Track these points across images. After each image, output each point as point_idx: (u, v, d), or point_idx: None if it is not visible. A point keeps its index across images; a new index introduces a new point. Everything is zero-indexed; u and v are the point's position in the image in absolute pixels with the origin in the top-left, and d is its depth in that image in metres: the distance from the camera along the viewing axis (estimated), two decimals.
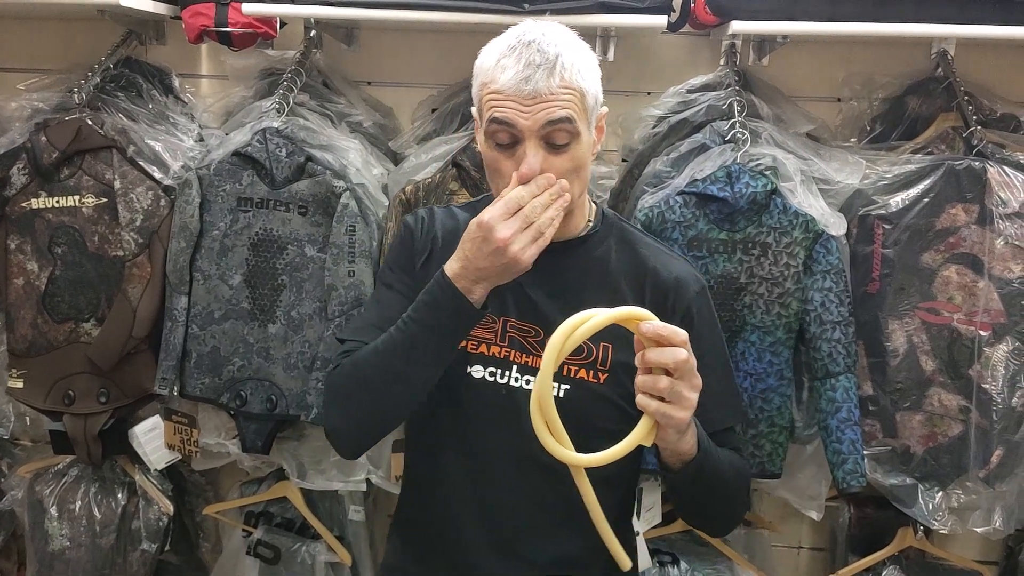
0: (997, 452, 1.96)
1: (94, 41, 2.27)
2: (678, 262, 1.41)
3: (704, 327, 1.36)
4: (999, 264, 1.93)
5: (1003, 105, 2.13)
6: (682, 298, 1.35)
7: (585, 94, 1.25)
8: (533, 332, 1.32)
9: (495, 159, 1.25)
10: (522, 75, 1.19)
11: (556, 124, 1.21)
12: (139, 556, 2.28)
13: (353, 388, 1.30)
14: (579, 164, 1.26)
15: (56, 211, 2.09)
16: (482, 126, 1.26)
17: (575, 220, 1.36)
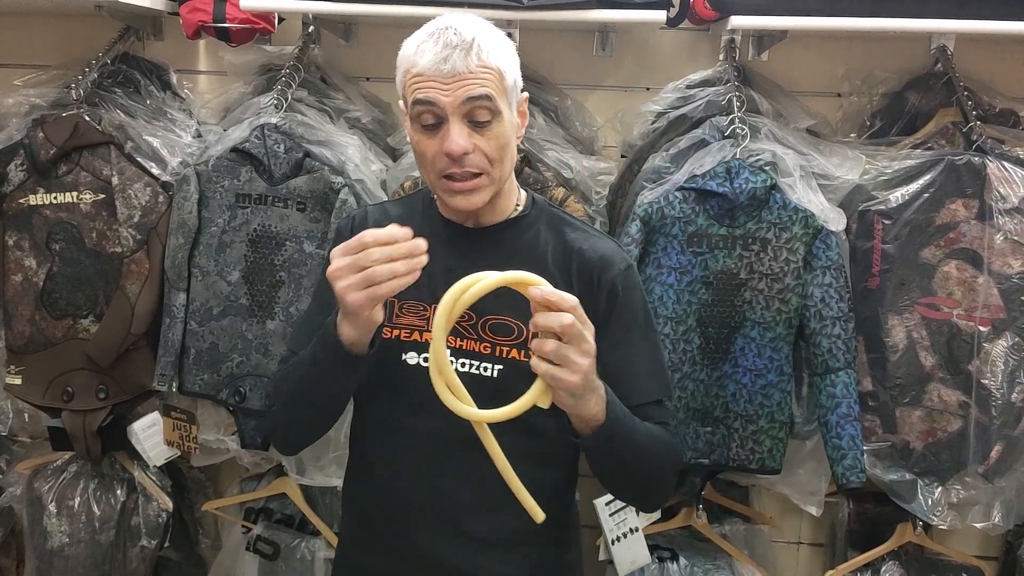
0: (996, 448, 1.96)
1: (91, 37, 2.27)
2: (604, 242, 1.43)
3: (628, 302, 1.38)
4: (999, 259, 1.92)
5: (1002, 100, 2.13)
6: (607, 274, 1.37)
7: (503, 74, 1.29)
8: (465, 316, 1.33)
9: (420, 142, 1.29)
10: (440, 55, 1.24)
11: (476, 101, 1.25)
12: (138, 552, 2.28)
13: (278, 401, 1.41)
14: (503, 143, 1.29)
15: (54, 207, 2.09)
16: (408, 112, 1.30)
17: (502, 204, 1.39)
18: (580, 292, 1.32)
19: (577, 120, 2.21)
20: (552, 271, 1.36)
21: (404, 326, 1.36)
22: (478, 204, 1.31)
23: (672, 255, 1.92)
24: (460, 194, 1.30)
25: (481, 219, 1.38)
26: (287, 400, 1.39)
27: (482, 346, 1.34)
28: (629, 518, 2.07)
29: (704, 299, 1.94)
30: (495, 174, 1.30)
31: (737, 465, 2.01)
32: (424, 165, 1.31)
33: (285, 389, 1.39)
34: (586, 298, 1.32)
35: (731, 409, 1.98)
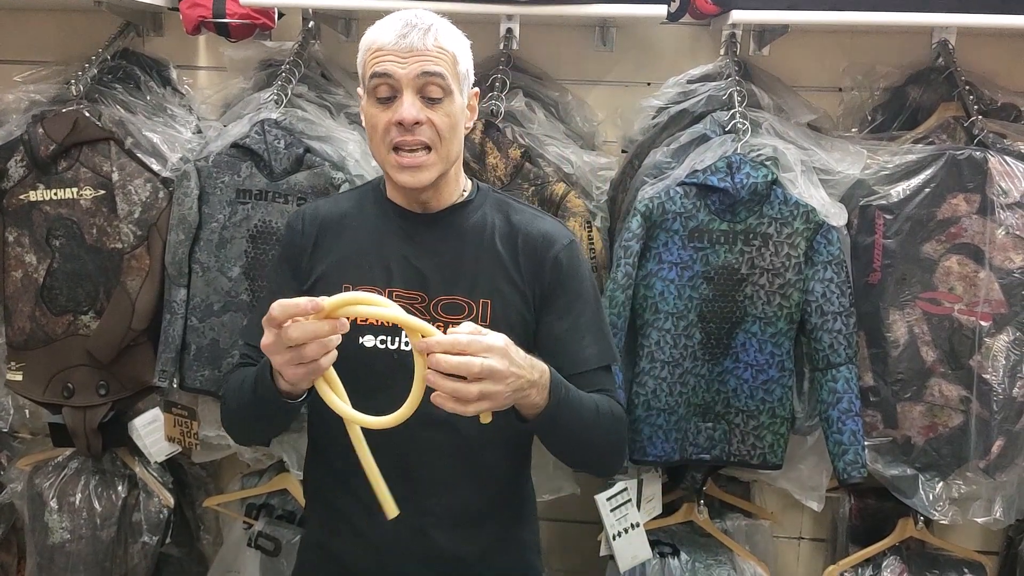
0: (998, 442, 1.96)
1: (91, 33, 2.27)
2: (548, 221, 1.49)
3: (573, 275, 1.44)
4: (1000, 254, 1.92)
5: (1004, 95, 2.12)
6: (551, 250, 1.43)
7: (457, 59, 1.37)
8: (419, 299, 1.40)
9: (373, 115, 1.35)
10: (400, 32, 1.32)
11: (430, 76, 1.32)
12: (140, 548, 2.28)
13: (231, 411, 1.47)
14: (453, 122, 1.36)
15: (54, 203, 2.08)
16: (365, 89, 1.36)
17: (448, 190, 1.44)
18: (526, 268, 1.42)
19: (578, 115, 2.21)
20: (500, 250, 1.42)
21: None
22: (425, 182, 1.36)
23: (673, 250, 1.92)
24: (408, 170, 1.34)
25: (429, 204, 1.43)
26: (236, 412, 1.44)
27: (435, 325, 1.33)
28: (630, 513, 2.07)
29: (705, 294, 1.94)
30: (443, 151, 1.36)
31: (738, 460, 2.01)
32: (375, 139, 1.37)
33: (232, 402, 1.44)
34: (533, 273, 1.42)
35: (732, 404, 1.98)
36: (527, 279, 1.43)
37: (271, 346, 1.16)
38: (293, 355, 1.15)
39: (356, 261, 1.44)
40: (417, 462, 1.40)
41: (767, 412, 1.97)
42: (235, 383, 1.42)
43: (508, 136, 2.00)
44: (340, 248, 1.46)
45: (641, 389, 1.95)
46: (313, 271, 1.45)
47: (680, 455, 1.99)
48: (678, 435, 1.98)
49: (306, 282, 1.45)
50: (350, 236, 1.46)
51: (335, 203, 1.53)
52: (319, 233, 1.47)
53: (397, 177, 1.37)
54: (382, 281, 1.41)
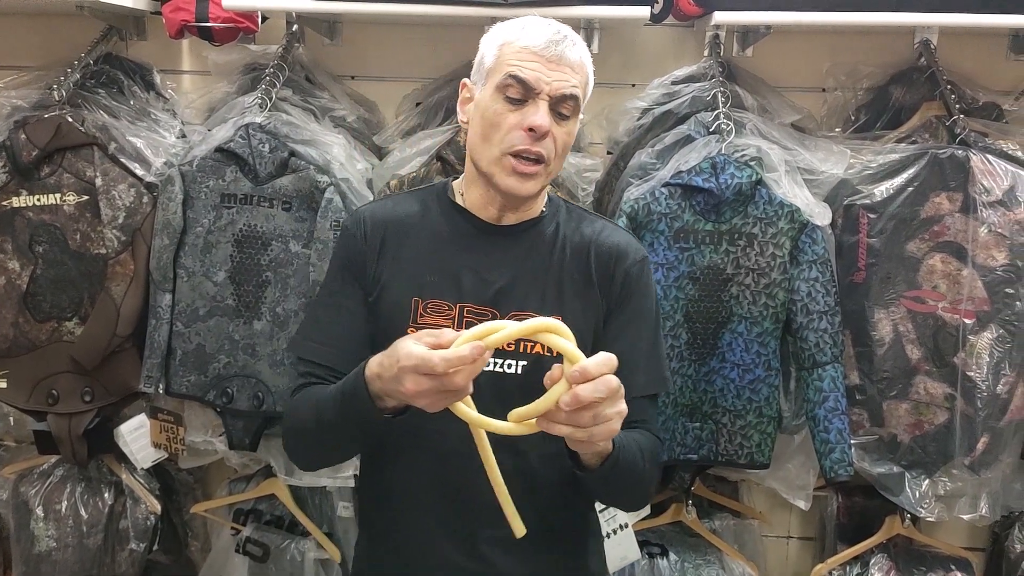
0: (982, 439, 1.97)
1: (74, 37, 2.25)
2: (620, 233, 1.44)
3: (639, 293, 1.39)
4: (983, 252, 1.93)
5: (985, 94, 2.14)
6: (622, 263, 1.39)
7: (589, 81, 1.34)
8: (490, 315, 1.34)
9: (498, 112, 1.29)
10: (553, 38, 1.27)
11: (567, 99, 1.28)
12: (127, 556, 2.27)
13: (299, 433, 1.36)
14: (568, 142, 1.33)
15: (37, 209, 2.07)
16: (490, 80, 1.30)
17: (536, 205, 1.41)
18: (598, 282, 1.37)
19: None
20: (572, 263, 1.38)
21: (430, 326, 1.32)
22: (531, 191, 1.32)
23: (659, 251, 1.92)
24: (518, 175, 1.29)
25: (511, 215, 1.38)
26: (309, 435, 1.34)
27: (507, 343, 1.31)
28: (619, 514, 2.07)
29: (691, 295, 1.94)
30: (552, 167, 1.33)
31: (726, 460, 2.01)
32: (491, 137, 1.30)
33: (304, 425, 1.33)
34: (603, 285, 1.37)
35: (719, 404, 1.99)
36: (600, 293, 1.38)
37: (422, 393, 1.08)
38: (443, 391, 1.08)
39: (423, 271, 1.37)
40: (480, 487, 1.28)
41: (754, 412, 1.97)
42: (306, 406, 1.32)
43: None
44: (405, 256, 1.38)
45: None
46: (378, 281, 1.38)
47: (668, 455, 2.00)
48: (666, 435, 1.98)
49: (371, 292, 1.38)
50: (415, 243, 1.39)
51: (395, 205, 1.45)
52: (383, 238, 1.40)
53: (504, 180, 1.30)
54: (452, 295, 1.35)
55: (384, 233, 1.39)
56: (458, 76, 2.20)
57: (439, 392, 1.08)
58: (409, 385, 1.08)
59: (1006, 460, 2.01)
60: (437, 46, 2.28)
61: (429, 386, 1.07)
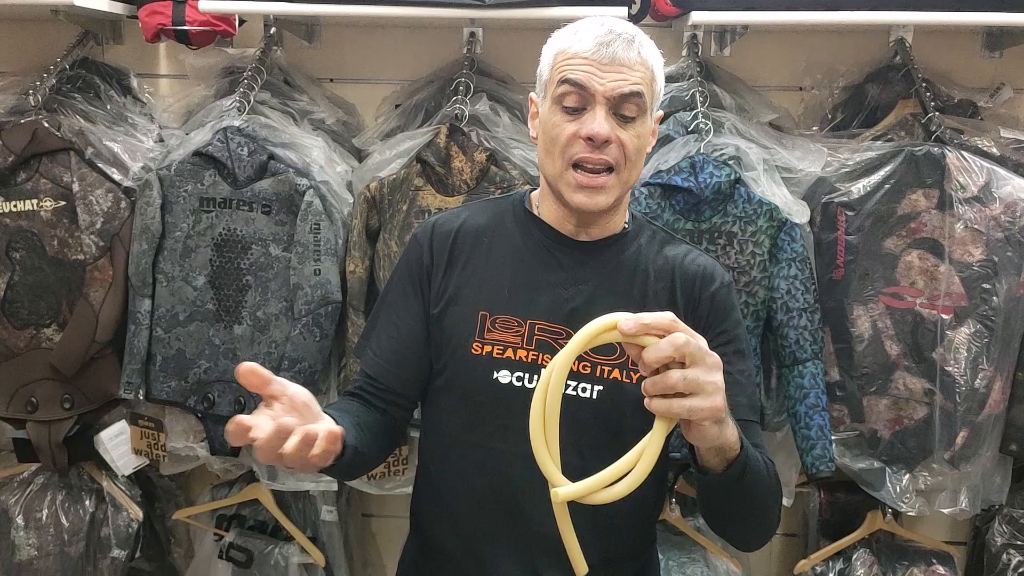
0: (962, 434, 1.98)
1: (49, 42, 2.24)
2: (704, 257, 1.37)
3: (727, 317, 1.32)
4: (959, 248, 1.95)
5: (960, 91, 2.16)
6: (708, 288, 1.32)
7: (655, 77, 1.25)
8: (564, 334, 1.26)
9: (556, 124, 1.22)
10: (603, 40, 1.20)
11: (629, 98, 1.20)
12: (109, 564, 2.25)
13: None
14: (642, 145, 1.25)
15: (13, 215, 2.05)
16: (548, 93, 1.25)
17: (616, 219, 1.34)
18: (684, 306, 1.29)
19: None
20: (655, 285, 1.31)
21: (496, 342, 1.28)
22: (602, 205, 1.24)
23: None
24: (585, 190, 1.22)
25: (591, 231, 1.31)
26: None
27: (581, 365, 1.26)
28: None
29: None
30: (624, 175, 1.24)
31: None
32: (552, 151, 1.24)
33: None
34: (689, 312, 1.29)
35: None
36: (684, 317, 1.21)
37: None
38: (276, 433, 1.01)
39: (496, 286, 1.30)
40: (532, 501, 1.23)
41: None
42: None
43: (473, 140, 2.00)
44: (475, 267, 1.32)
45: None
46: (444, 293, 1.32)
47: None
48: None
49: (436, 305, 1.33)
50: (486, 255, 1.33)
51: (470, 215, 1.38)
52: (452, 249, 1.34)
53: (572, 197, 1.24)
54: (522, 311, 1.28)
55: (453, 243, 1.34)
56: (438, 78, 2.21)
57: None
58: None
59: (985, 454, 2.02)
60: (416, 48, 2.27)
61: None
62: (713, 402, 0.96)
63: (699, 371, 0.96)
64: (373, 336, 1.38)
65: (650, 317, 0.95)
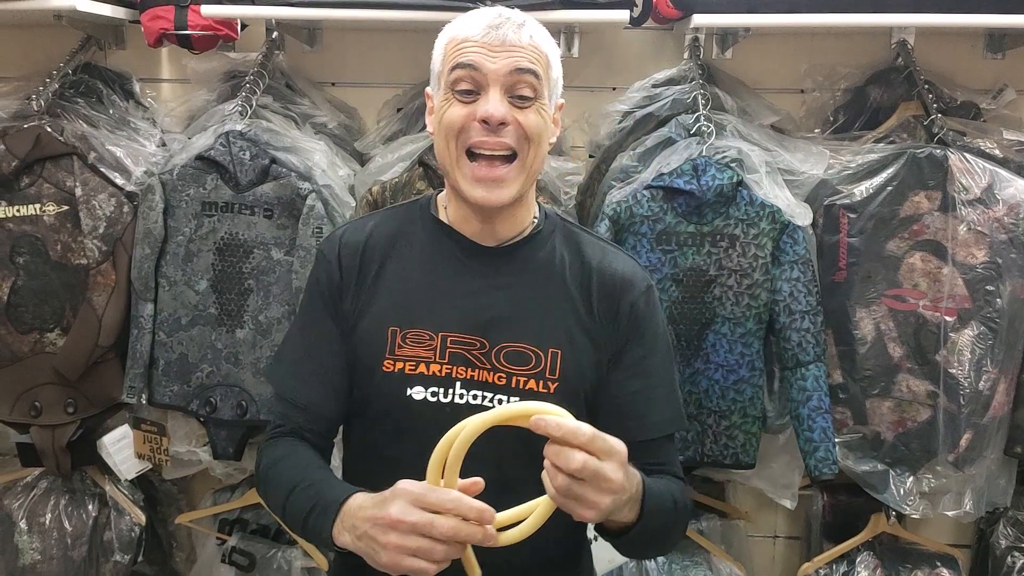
0: (966, 436, 1.98)
1: (52, 47, 2.24)
2: (624, 259, 1.33)
3: (649, 327, 1.29)
4: (962, 250, 1.95)
5: (963, 93, 2.16)
6: (627, 296, 1.28)
7: (550, 63, 1.22)
8: (478, 344, 1.24)
9: (450, 110, 1.19)
10: (493, 23, 1.18)
11: (522, 74, 1.17)
12: (112, 568, 2.25)
13: (267, 496, 1.29)
14: (542, 127, 1.21)
15: (17, 220, 2.06)
16: (442, 82, 1.21)
17: (522, 215, 1.29)
18: (601, 314, 1.27)
19: None
20: (572, 291, 1.27)
21: (408, 358, 1.25)
22: (504, 199, 1.20)
23: (641, 253, 1.93)
24: (484, 183, 1.18)
25: (498, 232, 1.27)
26: (274, 509, 1.26)
27: (496, 376, 1.24)
28: None
29: (674, 296, 1.95)
30: (527, 160, 1.20)
31: (711, 461, 2.01)
32: (448, 136, 1.19)
33: (272, 496, 1.26)
34: (608, 321, 1.26)
35: (704, 405, 1.99)
36: (602, 326, 1.26)
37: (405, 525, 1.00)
38: (417, 547, 0.99)
39: (405, 300, 1.26)
40: None
41: (739, 412, 1.98)
42: (284, 475, 1.23)
43: None
44: (385, 281, 1.28)
45: None
46: (355, 310, 1.28)
47: None
48: None
49: (348, 322, 1.28)
50: (397, 267, 1.29)
51: (376, 225, 1.33)
52: (360, 264, 1.29)
53: (471, 192, 1.19)
54: (433, 324, 1.24)
55: (361, 258, 1.30)
56: None
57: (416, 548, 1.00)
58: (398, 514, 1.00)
59: (990, 456, 2.02)
60: (418, 52, 2.24)
61: (416, 521, 0.99)
62: (587, 513, 1.01)
63: (586, 488, 1.00)
64: (291, 360, 1.34)
65: (561, 430, 0.98)
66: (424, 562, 1.00)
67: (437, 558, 1.00)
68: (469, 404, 1.23)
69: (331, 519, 1.10)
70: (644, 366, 1.28)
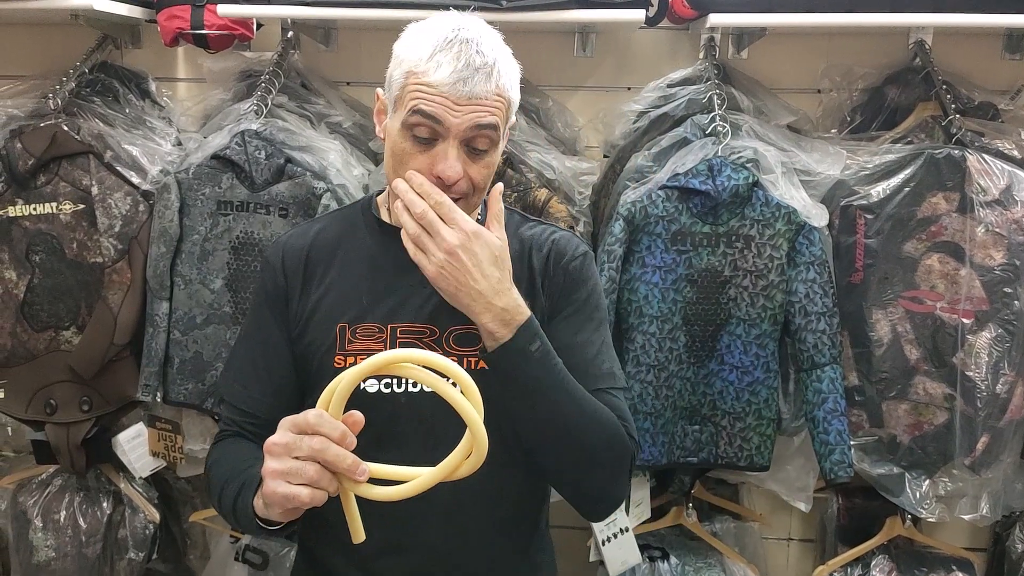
0: (983, 439, 1.97)
1: (69, 46, 2.25)
2: (561, 232, 1.37)
3: (584, 287, 1.32)
4: (980, 252, 1.93)
5: (981, 93, 2.14)
6: (562, 259, 1.32)
7: (511, 104, 1.24)
8: (428, 332, 1.26)
9: (407, 151, 1.20)
10: (461, 75, 1.16)
11: (483, 129, 1.19)
12: (126, 565, 2.26)
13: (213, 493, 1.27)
14: (490, 173, 1.25)
15: (33, 218, 2.07)
16: (398, 112, 1.21)
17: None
18: (541, 280, 1.31)
19: (559, 121, 2.21)
20: (512, 268, 1.26)
21: (360, 351, 1.26)
22: None
23: (656, 254, 1.92)
24: None
25: None
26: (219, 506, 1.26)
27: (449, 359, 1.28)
28: (619, 518, 2.07)
29: (689, 297, 1.94)
30: (474, 200, 1.25)
31: (726, 463, 2.01)
32: (398, 170, 1.21)
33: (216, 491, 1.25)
34: (544, 282, 1.31)
35: (718, 407, 1.98)
36: (542, 292, 1.31)
37: (277, 446, 1.02)
38: (291, 467, 1.00)
39: (353, 297, 1.29)
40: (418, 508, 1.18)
41: (753, 414, 1.97)
42: (221, 470, 1.25)
43: None
44: (330, 282, 1.31)
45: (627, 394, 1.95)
46: (303, 312, 1.30)
47: (667, 459, 1.99)
48: (665, 439, 1.98)
49: (295, 327, 1.30)
50: (343, 268, 1.32)
51: (319, 230, 1.36)
52: (306, 268, 1.32)
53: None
54: (383, 317, 1.27)
55: (305, 262, 1.32)
56: None
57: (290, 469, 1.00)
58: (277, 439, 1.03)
59: (1007, 460, 2.00)
60: None
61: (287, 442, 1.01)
62: (428, 267, 1.16)
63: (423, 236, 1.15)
64: (239, 368, 1.34)
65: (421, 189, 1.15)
66: (296, 487, 1.00)
67: (308, 479, 1.00)
68: (423, 391, 1.23)
69: (253, 492, 1.11)
70: (585, 323, 1.31)
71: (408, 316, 1.27)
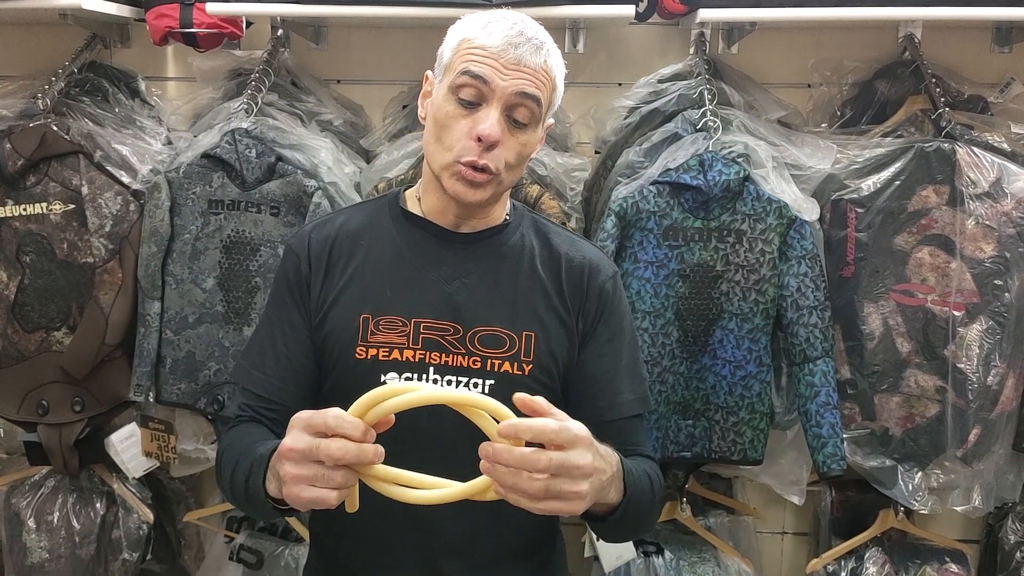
0: (974, 431, 1.97)
1: (57, 46, 2.25)
2: (590, 248, 1.38)
3: (616, 310, 1.34)
4: (971, 244, 1.94)
5: (970, 87, 2.15)
6: (595, 279, 1.33)
7: (555, 88, 1.26)
8: (452, 330, 1.26)
9: (450, 115, 1.21)
10: (512, 41, 1.19)
11: (526, 99, 1.20)
12: (120, 566, 2.26)
13: (224, 478, 1.26)
14: (527, 153, 1.26)
15: (23, 219, 2.06)
16: (446, 77, 1.23)
17: (496, 213, 1.34)
18: (571, 298, 1.30)
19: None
20: (542, 276, 1.31)
21: (382, 344, 1.26)
22: (478, 199, 1.23)
23: (648, 249, 1.92)
24: (466, 182, 1.21)
25: (470, 221, 1.31)
26: (229, 490, 1.24)
27: (471, 360, 1.26)
28: None
29: (681, 292, 1.94)
30: (505, 179, 1.24)
31: (719, 457, 2.01)
32: (441, 140, 1.22)
33: (227, 475, 1.24)
34: (578, 303, 1.30)
35: (711, 401, 1.99)
36: (572, 309, 1.30)
37: (295, 452, 1.00)
38: (313, 475, 0.99)
39: (377, 288, 1.28)
40: (444, 519, 1.25)
41: (746, 408, 1.97)
42: (233, 453, 1.23)
43: None
44: (354, 272, 1.30)
45: None
46: (325, 301, 1.30)
47: (661, 454, 2.00)
48: (659, 433, 1.98)
49: (318, 313, 1.30)
50: (365, 257, 1.31)
51: (345, 219, 1.36)
52: (330, 257, 1.32)
53: (452, 185, 1.22)
54: (406, 310, 1.26)
55: (330, 251, 1.32)
56: None
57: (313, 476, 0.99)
58: (290, 443, 1.00)
59: (998, 451, 2.01)
60: (423, 49, 2.25)
61: (304, 447, 0.99)
62: (574, 508, 1.00)
63: (563, 482, 0.98)
64: (258, 355, 1.33)
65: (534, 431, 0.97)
66: (323, 490, 0.99)
67: (335, 484, 0.99)
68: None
69: (263, 474, 1.10)
70: (612, 347, 1.32)
71: (431, 312, 1.27)
